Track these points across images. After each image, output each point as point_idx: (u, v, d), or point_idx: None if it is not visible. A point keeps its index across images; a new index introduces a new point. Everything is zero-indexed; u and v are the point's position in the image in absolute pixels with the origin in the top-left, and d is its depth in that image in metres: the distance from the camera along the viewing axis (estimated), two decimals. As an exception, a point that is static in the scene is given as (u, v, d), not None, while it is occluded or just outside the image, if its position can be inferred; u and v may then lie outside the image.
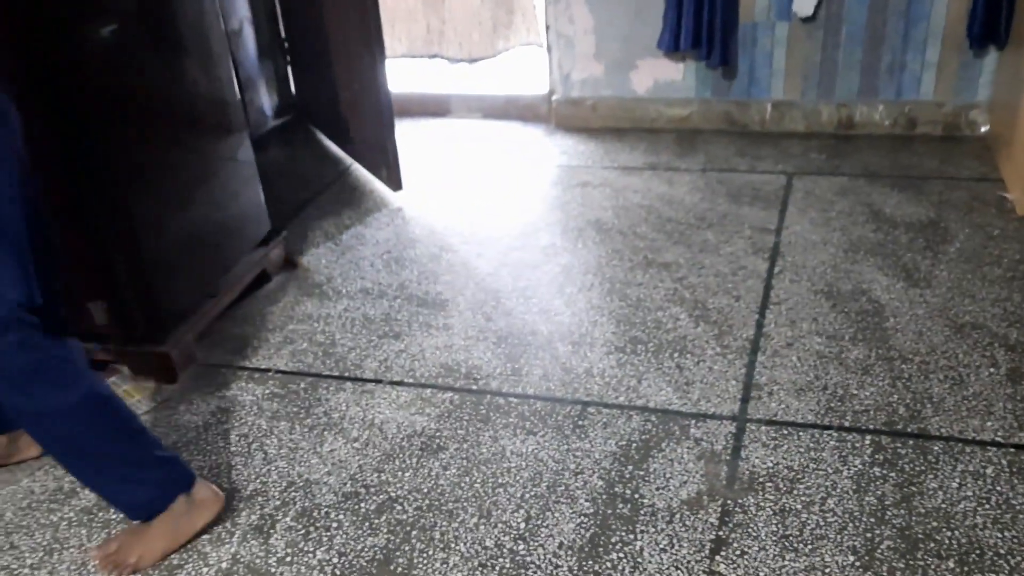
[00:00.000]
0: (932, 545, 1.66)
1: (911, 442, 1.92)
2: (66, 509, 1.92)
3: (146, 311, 2.21)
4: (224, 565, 1.74)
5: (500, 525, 1.79)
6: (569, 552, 1.71)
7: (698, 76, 3.63)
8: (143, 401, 2.23)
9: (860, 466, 1.86)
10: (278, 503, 1.89)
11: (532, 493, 1.86)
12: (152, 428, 2.14)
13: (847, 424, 1.99)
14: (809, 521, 1.73)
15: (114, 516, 1.88)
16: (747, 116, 3.66)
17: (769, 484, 1.83)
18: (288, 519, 1.84)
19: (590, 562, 1.68)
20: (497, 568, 1.69)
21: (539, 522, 1.79)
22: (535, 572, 1.67)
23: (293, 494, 1.91)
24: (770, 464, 1.89)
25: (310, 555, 1.75)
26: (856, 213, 2.95)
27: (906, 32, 3.33)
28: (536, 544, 1.73)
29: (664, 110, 3.74)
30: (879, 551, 1.65)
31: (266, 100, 3.78)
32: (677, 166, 3.41)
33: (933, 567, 1.62)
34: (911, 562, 1.63)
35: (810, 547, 1.67)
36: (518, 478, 1.91)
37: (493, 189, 3.36)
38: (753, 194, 3.14)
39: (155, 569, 1.74)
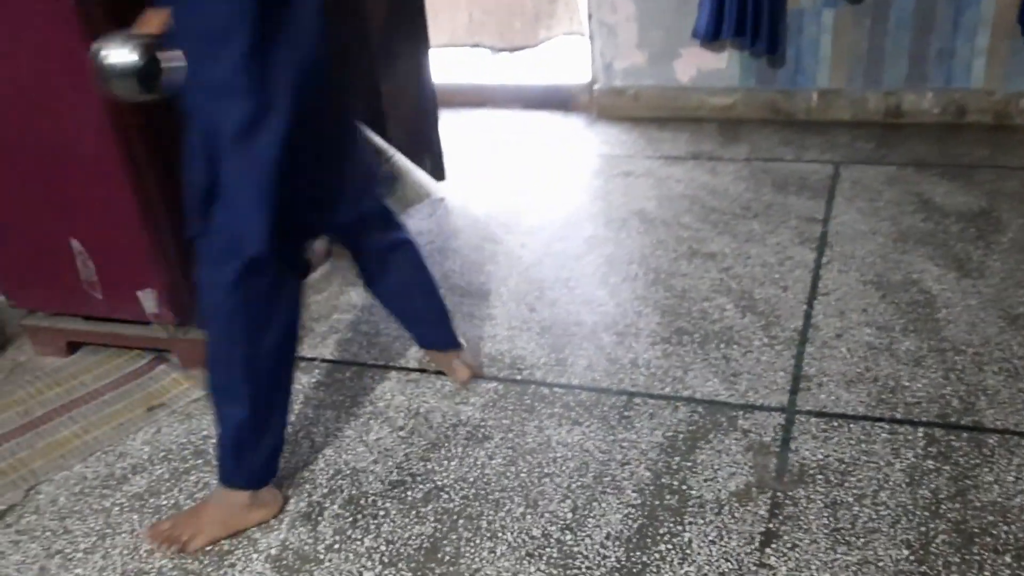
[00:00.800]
0: (988, 539, 1.63)
1: (965, 435, 1.88)
2: (118, 495, 1.95)
3: (196, 299, 2.24)
4: (273, 551, 1.76)
5: (547, 515, 1.78)
6: (617, 543, 1.70)
7: (742, 64, 3.59)
8: (192, 389, 2.26)
9: (913, 459, 1.83)
10: (325, 491, 1.90)
11: (578, 483, 1.86)
12: (201, 416, 2.16)
13: (899, 416, 1.95)
14: (861, 514, 1.71)
15: (164, 502, 1.91)
16: (792, 105, 3.61)
17: (820, 476, 1.81)
18: (336, 506, 1.86)
19: (638, 553, 1.67)
20: (544, 558, 1.68)
21: (586, 512, 1.78)
22: (582, 563, 1.67)
23: (340, 482, 1.92)
24: (820, 456, 1.86)
25: (358, 542, 1.76)
26: (905, 203, 2.89)
27: (956, 18, 3.26)
28: (583, 535, 1.73)
29: (707, 99, 3.70)
30: (934, 545, 1.62)
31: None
32: (721, 156, 3.38)
33: (989, 562, 1.58)
34: (967, 556, 1.60)
35: (863, 540, 1.65)
36: (564, 468, 1.90)
37: (535, 179, 3.35)
38: (799, 183, 3.09)
39: (205, 554, 1.76)
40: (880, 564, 1.60)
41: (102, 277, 2.22)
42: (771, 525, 1.70)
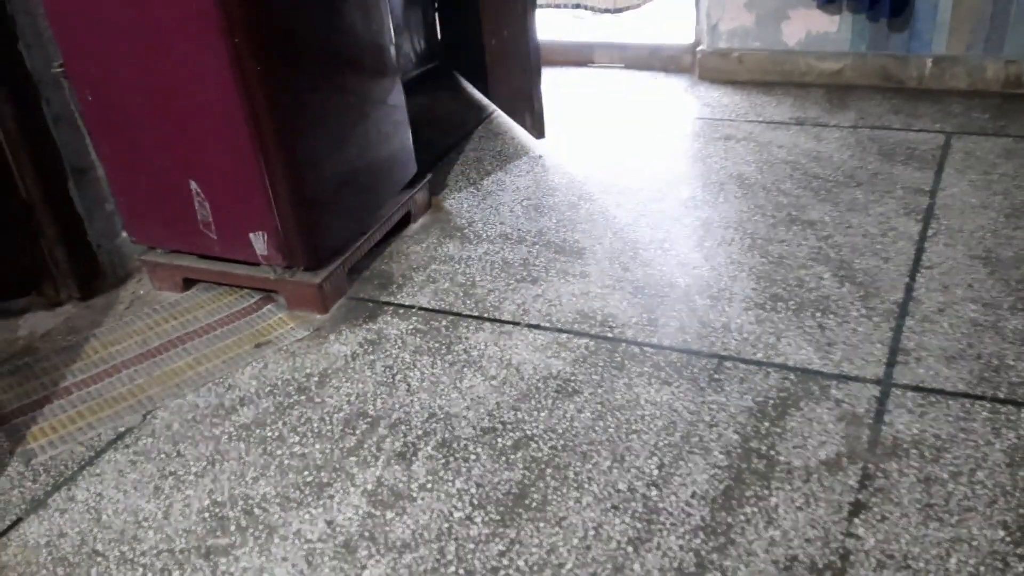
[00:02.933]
0: (1089, 526, 1.59)
1: (1071, 419, 1.83)
2: (227, 424, 2.06)
3: (304, 244, 2.33)
4: (369, 487, 1.84)
5: (633, 470, 1.82)
6: (702, 502, 1.73)
7: (854, 28, 3.47)
8: (296, 329, 2.37)
9: (1015, 440, 1.79)
10: (420, 432, 1.98)
11: (666, 442, 1.88)
12: (304, 355, 2.26)
13: (1002, 396, 1.91)
14: (956, 492, 1.68)
15: (269, 434, 2.01)
16: (904, 72, 3.48)
17: (914, 451, 1.79)
18: (429, 448, 1.93)
19: (723, 513, 1.70)
20: (629, 511, 1.72)
21: (672, 470, 1.81)
22: (667, 519, 1.70)
23: (434, 425, 1.99)
24: (915, 431, 1.84)
25: (449, 484, 1.83)
26: (1021, 176, 2.78)
27: (1092, -17, 3.08)
28: (669, 492, 1.76)
29: (815, 63, 3.60)
30: (1030, 527, 1.60)
31: (414, 46, 3.85)
32: (826, 122, 3.29)
33: (1089, 548, 1.55)
34: (1065, 541, 1.56)
35: (956, 518, 1.63)
36: (652, 426, 1.93)
37: (633, 140, 3.33)
38: (907, 153, 3.00)
39: (306, 484, 1.86)
40: (973, 543, 1.58)
41: (217, 218, 2.33)
42: (860, 496, 1.70)
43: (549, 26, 4.15)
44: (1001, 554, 1.55)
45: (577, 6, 4.19)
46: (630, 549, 1.64)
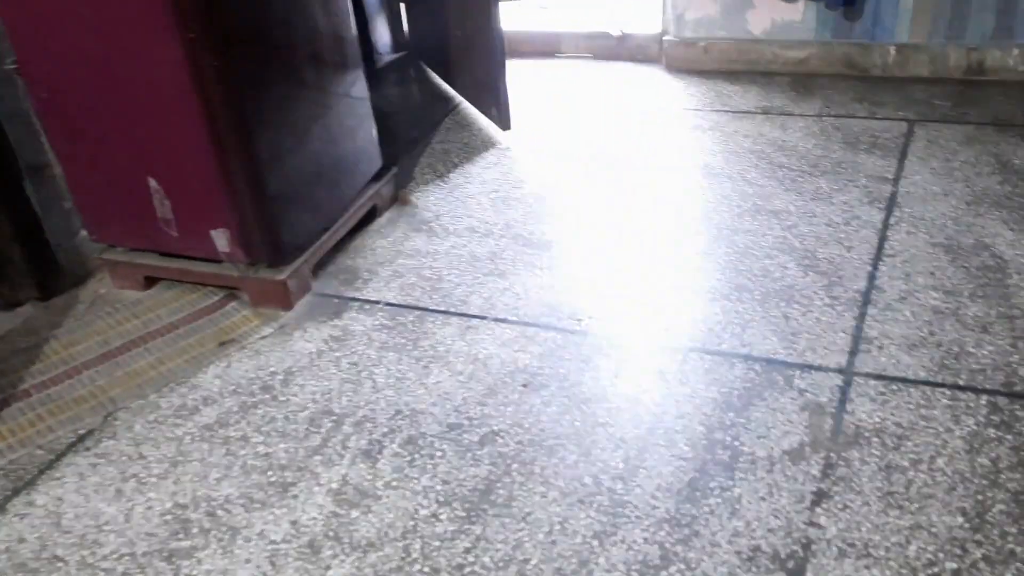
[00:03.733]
0: (1046, 510, 1.61)
1: (1029, 405, 1.85)
2: (189, 425, 2.04)
3: (267, 240, 2.31)
4: (334, 485, 1.83)
5: (599, 464, 1.82)
6: (667, 494, 1.73)
7: (819, 17, 3.49)
8: (261, 326, 2.34)
9: (974, 427, 1.81)
10: (385, 430, 1.97)
11: (632, 434, 1.88)
12: (269, 353, 2.24)
13: (962, 383, 1.93)
14: (916, 479, 1.70)
15: (233, 434, 1.99)
16: (868, 60, 3.50)
17: (875, 439, 1.80)
18: (395, 445, 1.92)
19: (687, 505, 1.70)
20: (595, 505, 1.72)
21: (638, 463, 1.81)
22: (632, 511, 1.70)
23: (400, 422, 1.98)
24: (877, 419, 1.85)
25: (415, 481, 1.82)
26: (982, 164, 2.81)
27: (1051, -29, 3.11)
28: (634, 484, 1.76)
29: (780, 52, 3.61)
30: (990, 514, 1.61)
31: (379, 37, 3.82)
32: (791, 111, 3.31)
33: (1046, 533, 1.57)
34: None
35: (916, 505, 1.65)
36: (618, 419, 1.93)
37: (600, 131, 3.32)
38: (871, 141, 3.02)
39: (270, 484, 1.84)
40: (933, 530, 1.60)
41: (177, 215, 2.30)
42: (823, 485, 1.71)
43: (515, 17, 4.13)
44: (960, 540, 1.57)
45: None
46: (595, 543, 1.64)
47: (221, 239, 2.29)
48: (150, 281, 2.54)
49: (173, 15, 1.96)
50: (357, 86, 2.62)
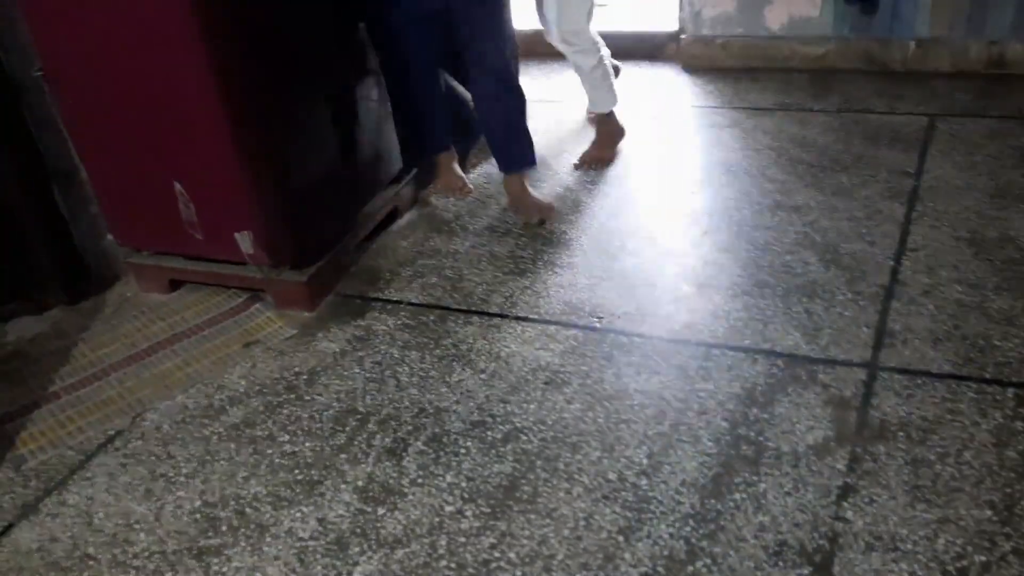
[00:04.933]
0: (1075, 503, 1.60)
1: (1057, 397, 1.84)
2: (216, 425, 2.06)
3: (290, 242, 2.33)
4: (360, 483, 1.84)
5: (623, 460, 1.82)
6: (691, 489, 1.73)
7: (836, 12, 3.47)
8: (285, 327, 2.36)
9: (1001, 420, 1.80)
10: (410, 428, 1.98)
11: (655, 431, 1.89)
12: (293, 353, 2.26)
13: (988, 376, 1.92)
14: (943, 473, 1.69)
15: (259, 433, 2.01)
16: (888, 54, 3.48)
17: (901, 433, 1.80)
18: (420, 443, 1.93)
19: (712, 500, 1.70)
20: (619, 501, 1.73)
21: (662, 459, 1.81)
22: (657, 507, 1.70)
23: (424, 420, 2.00)
24: (903, 413, 1.85)
25: (440, 478, 1.84)
26: (1005, 157, 2.79)
27: (1072, -38, 3.08)
28: (659, 480, 1.76)
29: (799, 48, 3.60)
30: (1019, 507, 1.60)
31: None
32: (811, 107, 3.30)
33: (1075, 525, 1.56)
34: (1051, 519, 1.58)
35: (944, 499, 1.64)
36: (641, 415, 1.93)
37: (618, 129, 3.32)
38: (892, 136, 3.00)
39: (297, 483, 1.86)
40: (961, 524, 1.59)
41: (202, 219, 2.33)
42: (849, 480, 1.71)
43: (531, 17, 4.13)
44: (988, 533, 1.56)
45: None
46: (621, 539, 1.65)
47: (245, 242, 2.31)
48: (175, 284, 2.57)
49: (198, 22, 1.99)
50: (377, 91, 2.64)
